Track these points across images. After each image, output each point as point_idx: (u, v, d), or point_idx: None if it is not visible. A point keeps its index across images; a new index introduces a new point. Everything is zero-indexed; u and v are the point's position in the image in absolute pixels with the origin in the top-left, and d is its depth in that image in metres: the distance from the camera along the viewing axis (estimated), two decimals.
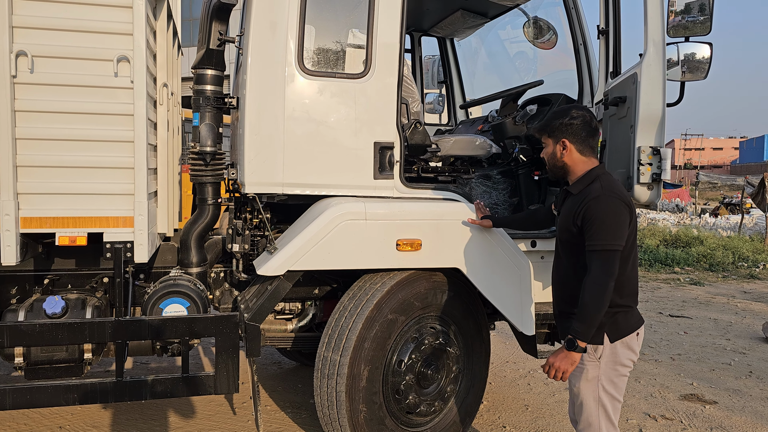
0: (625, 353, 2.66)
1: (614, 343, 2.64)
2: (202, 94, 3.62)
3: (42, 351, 3.29)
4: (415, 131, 3.75)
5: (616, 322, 2.64)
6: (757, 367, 5.87)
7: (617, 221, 2.54)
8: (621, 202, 2.57)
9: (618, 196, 2.59)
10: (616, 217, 2.54)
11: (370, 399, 3.40)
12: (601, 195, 2.59)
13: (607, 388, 2.67)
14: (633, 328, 2.67)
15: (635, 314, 2.72)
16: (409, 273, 3.50)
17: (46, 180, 3.06)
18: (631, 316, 2.69)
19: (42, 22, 3.01)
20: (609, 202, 2.57)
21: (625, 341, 2.66)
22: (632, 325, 2.67)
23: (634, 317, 2.70)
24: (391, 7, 3.43)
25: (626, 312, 2.67)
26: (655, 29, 3.17)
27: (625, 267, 2.62)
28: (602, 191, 2.60)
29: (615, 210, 2.55)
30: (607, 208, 2.56)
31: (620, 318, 2.65)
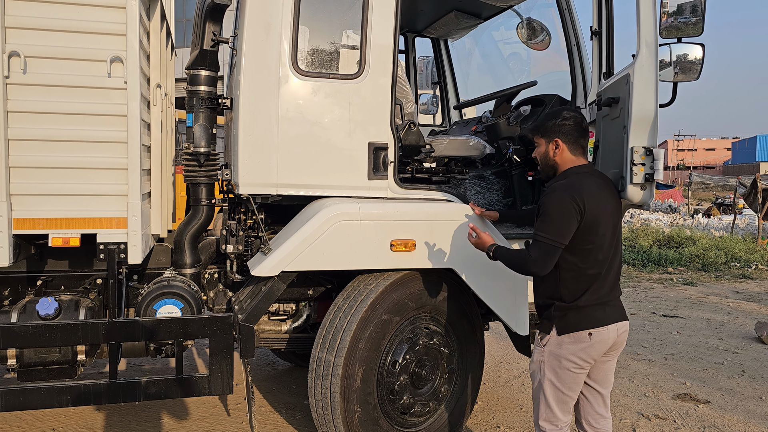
0: (570, 349, 2.72)
1: (561, 337, 2.74)
2: (195, 94, 3.61)
3: (35, 352, 3.28)
4: (409, 132, 3.75)
5: (566, 318, 2.73)
6: (750, 366, 5.90)
7: (561, 217, 2.63)
8: (572, 201, 2.64)
9: (570, 194, 2.66)
10: (561, 212, 2.64)
11: (364, 399, 3.40)
12: (557, 189, 2.72)
13: (549, 375, 2.78)
14: (584, 327, 2.71)
15: (593, 316, 2.72)
16: (403, 273, 3.50)
17: (39, 181, 3.05)
18: (585, 316, 2.72)
19: (35, 22, 3.01)
20: (560, 197, 2.67)
21: (573, 337, 2.72)
22: (584, 324, 2.71)
23: (590, 319, 2.72)
24: (384, 7, 3.43)
25: (579, 311, 2.72)
26: (648, 30, 3.18)
27: (581, 266, 2.69)
28: (559, 186, 2.73)
29: (562, 205, 2.64)
30: (555, 203, 2.67)
31: (571, 316, 2.73)
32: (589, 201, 2.67)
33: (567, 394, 2.79)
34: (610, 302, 2.77)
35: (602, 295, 2.74)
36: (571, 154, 2.82)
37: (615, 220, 2.79)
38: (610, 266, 2.75)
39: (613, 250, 2.76)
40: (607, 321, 2.73)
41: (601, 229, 2.69)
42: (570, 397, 2.80)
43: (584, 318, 2.72)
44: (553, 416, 2.82)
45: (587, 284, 2.72)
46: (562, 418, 2.82)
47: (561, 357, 2.74)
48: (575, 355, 2.72)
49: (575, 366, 2.73)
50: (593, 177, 2.81)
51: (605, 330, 2.71)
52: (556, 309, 2.76)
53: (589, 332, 2.70)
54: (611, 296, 2.77)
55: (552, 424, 2.83)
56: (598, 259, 2.71)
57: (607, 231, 2.72)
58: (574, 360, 2.73)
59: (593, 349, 2.72)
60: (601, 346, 2.72)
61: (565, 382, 2.76)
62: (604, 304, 2.74)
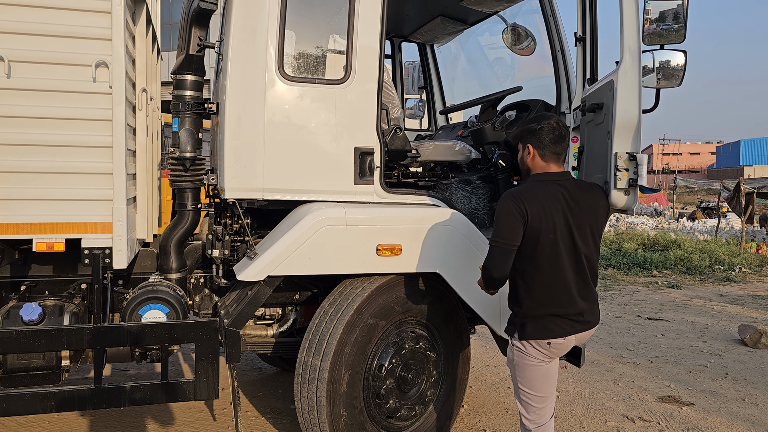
0: (534, 352, 2.81)
1: (521, 341, 2.84)
2: (181, 99, 3.61)
3: (18, 358, 3.26)
4: (395, 137, 3.76)
5: (525, 326, 2.82)
6: (733, 368, 5.96)
7: (505, 220, 2.73)
8: (514, 206, 2.71)
9: (514, 200, 2.73)
10: (504, 216, 2.74)
11: (350, 403, 3.40)
12: (504, 196, 2.80)
13: (517, 374, 2.88)
14: (542, 337, 2.78)
15: (551, 328, 2.77)
16: (389, 278, 3.51)
17: (23, 185, 3.03)
18: (544, 327, 2.78)
19: (19, 26, 2.99)
20: (503, 202, 2.77)
21: (533, 343, 2.80)
22: (543, 335, 2.78)
23: (548, 331, 2.77)
24: (370, 13, 3.45)
25: (537, 321, 2.79)
26: (631, 37, 3.22)
27: (532, 274, 2.77)
28: (507, 193, 2.82)
29: (503, 209, 2.74)
30: (499, 207, 2.78)
31: (529, 325, 2.80)
32: (535, 207, 2.71)
33: (533, 393, 2.85)
34: (572, 315, 2.79)
35: (561, 306, 2.77)
36: (542, 160, 2.84)
37: (578, 231, 2.77)
38: (568, 276, 2.76)
39: (571, 260, 2.77)
40: (565, 333, 2.78)
41: (548, 237, 2.71)
42: (537, 395, 2.85)
43: (543, 329, 2.78)
44: (526, 413, 2.89)
45: (543, 294, 2.77)
46: (528, 415, 2.89)
47: (526, 356, 2.83)
48: (539, 356, 2.81)
49: (539, 361, 2.82)
50: (554, 185, 2.80)
51: (564, 340, 2.79)
52: (516, 316, 2.86)
53: (548, 341, 2.77)
54: (574, 308, 2.79)
55: (528, 420, 2.90)
56: (549, 268, 2.74)
57: (562, 241, 2.74)
58: (539, 357, 2.81)
59: (552, 353, 2.81)
60: (561, 350, 2.83)
61: (529, 379, 2.84)
62: (563, 317, 2.77)
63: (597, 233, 2.86)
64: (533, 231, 2.71)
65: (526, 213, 2.69)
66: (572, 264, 2.77)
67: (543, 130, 2.81)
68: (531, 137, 2.86)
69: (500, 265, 2.76)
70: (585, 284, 2.83)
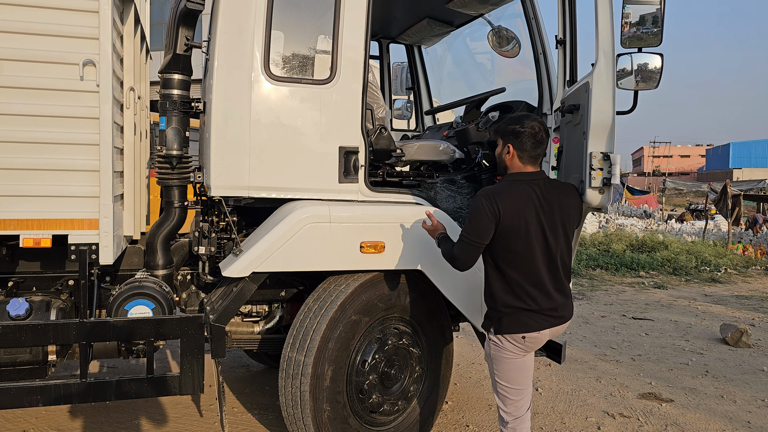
0: (510, 346, 2.92)
1: (497, 336, 2.95)
2: (168, 98, 3.65)
3: (5, 353, 3.30)
4: (380, 136, 3.83)
5: (501, 321, 2.93)
6: (713, 366, 6.06)
7: (476, 218, 2.84)
8: (488, 205, 2.81)
9: (488, 199, 2.83)
10: (476, 214, 2.84)
11: (333, 398, 3.46)
12: (479, 194, 2.90)
13: (494, 367, 2.99)
14: (517, 331, 2.88)
15: (525, 323, 2.87)
16: (372, 275, 3.58)
17: (10, 182, 3.08)
18: (518, 322, 2.88)
19: (7, 25, 3.03)
20: (478, 200, 2.87)
21: (508, 338, 2.91)
22: (517, 329, 2.88)
23: (522, 325, 2.88)
24: (356, 15, 3.51)
25: (511, 316, 2.90)
26: (606, 40, 3.30)
27: (506, 272, 2.87)
28: (483, 191, 2.92)
29: (476, 207, 2.85)
30: (473, 205, 2.89)
31: (504, 320, 2.90)
32: (508, 206, 2.81)
33: (509, 386, 2.95)
34: (546, 310, 2.89)
35: (536, 301, 2.86)
36: (519, 161, 2.94)
37: (551, 229, 2.87)
38: (542, 273, 2.86)
39: (550, 257, 2.88)
40: (540, 328, 2.89)
41: (522, 235, 2.82)
42: (514, 388, 2.94)
43: (518, 323, 2.88)
44: (504, 405, 2.99)
45: (518, 290, 2.86)
46: (505, 408, 2.98)
47: (502, 350, 2.94)
48: (515, 349, 2.91)
49: (514, 356, 2.92)
50: (527, 185, 2.90)
51: (538, 334, 2.89)
52: (492, 311, 2.96)
53: (523, 336, 2.87)
54: (548, 303, 2.89)
55: (505, 413, 2.99)
56: (523, 265, 2.85)
57: (535, 239, 2.84)
58: (514, 351, 2.92)
59: (527, 347, 2.91)
60: (536, 344, 2.93)
61: (504, 371, 2.94)
62: (538, 312, 2.87)
63: (569, 231, 2.95)
64: (507, 229, 2.80)
65: (499, 212, 2.79)
66: (545, 261, 2.87)
67: (525, 134, 2.89)
68: (513, 138, 2.94)
69: (466, 259, 2.92)
70: (558, 280, 2.92)
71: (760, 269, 13.73)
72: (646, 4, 3.49)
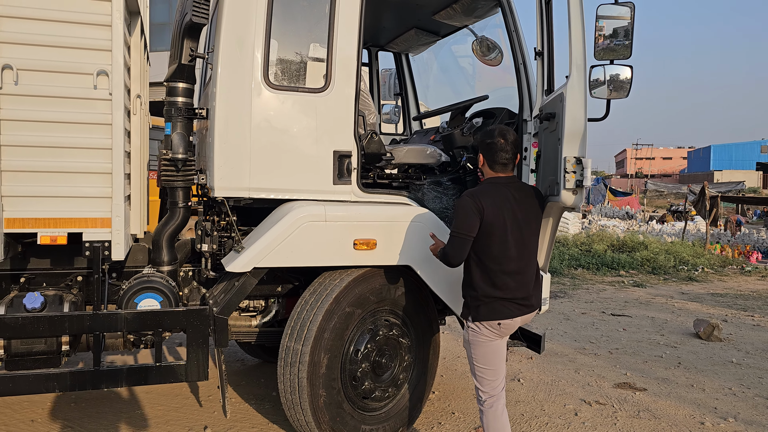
0: (486, 332, 3.28)
1: (475, 323, 3.30)
2: (173, 105, 3.89)
3: (22, 343, 3.51)
4: (371, 141, 4.09)
5: (478, 309, 3.28)
6: (686, 359, 6.40)
7: (463, 213, 3.20)
8: (472, 201, 3.19)
9: (472, 197, 3.21)
10: (462, 210, 3.21)
11: (329, 385, 3.72)
12: (463, 195, 3.29)
13: (472, 352, 3.35)
14: (493, 318, 3.25)
15: (501, 311, 3.24)
16: (365, 270, 3.84)
17: (29, 184, 3.30)
18: (494, 310, 3.25)
19: (27, 38, 3.26)
20: (462, 199, 3.25)
21: (485, 324, 3.26)
22: (493, 316, 3.24)
23: (498, 313, 3.24)
24: (348, 29, 3.77)
25: (488, 304, 3.25)
26: (578, 54, 3.60)
27: (486, 263, 3.23)
28: (466, 192, 3.30)
29: (463, 205, 3.22)
30: (459, 203, 3.26)
31: (482, 308, 3.27)
32: (489, 205, 3.19)
33: (486, 368, 3.31)
34: (519, 299, 3.27)
35: (510, 291, 3.24)
36: (490, 169, 3.36)
37: (524, 226, 3.26)
38: (517, 265, 3.24)
39: (523, 251, 3.26)
40: (513, 315, 3.28)
41: (501, 231, 3.19)
42: (489, 369, 3.31)
43: (493, 311, 3.24)
44: (481, 385, 3.35)
45: (495, 281, 3.23)
46: (483, 387, 3.35)
47: (479, 335, 3.30)
48: (490, 334, 3.29)
49: (489, 340, 3.29)
50: (504, 187, 3.29)
51: (511, 321, 3.27)
52: (471, 300, 3.29)
53: (498, 322, 3.26)
54: (521, 292, 3.27)
55: (483, 392, 3.35)
56: (501, 258, 3.21)
57: (511, 234, 3.21)
58: (489, 335, 3.29)
59: (501, 332, 3.31)
60: (509, 330, 3.34)
61: (482, 354, 3.31)
62: (511, 301, 3.26)
63: (537, 227, 3.38)
64: (488, 225, 3.17)
65: (483, 209, 3.16)
66: (520, 254, 3.24)
67: (492, 145, 3.30)
68: (484, 149, 3.36)
69: (458, 253, 3.23)
70: (530, 272, 3.31)
71: (736, 268, 14.17)
72: (618, 19, 3.81)
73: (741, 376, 5.83)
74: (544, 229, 3.86)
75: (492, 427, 3.33)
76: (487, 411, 3.34)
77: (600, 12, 3.74)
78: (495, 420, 3.32)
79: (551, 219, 3.90)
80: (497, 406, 3.33)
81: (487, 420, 3.34)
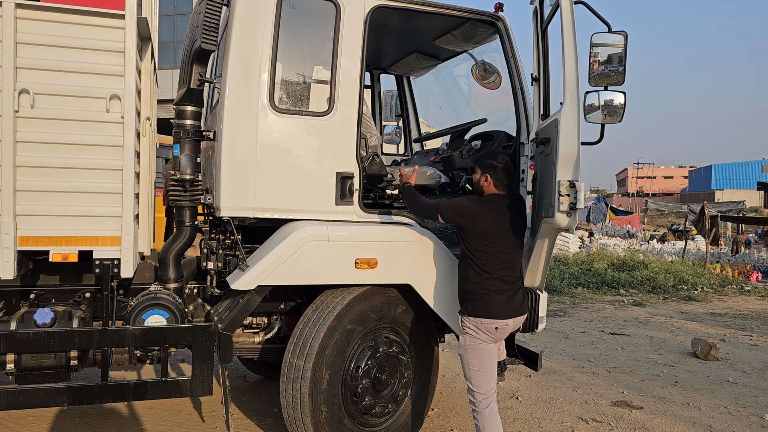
0: (484, 336, 3.57)
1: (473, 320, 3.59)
2: (182, 127, 4.03)
3: (32, 358, 3.61)
4: (373, 163, 4.22)
5: (475, 308, 3.60)
6: (683, 378, 6.47)
7: (458, 203, 3.67)
8: (474, 205, 3.62)
9: (475, 201, 3.65)
10: (460, 201, 3.67)
11: (330, 400, 3.81)
12: (471, 197, 3.75)
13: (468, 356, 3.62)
14: (490, 316, 3.55)
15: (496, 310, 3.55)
16: (366, 288, 3.95)
17: (43, 203, 3.43)
18: (490, 309, 3.56)
19: (43, 63, 3.40)
20: (468, 198, 3.71)
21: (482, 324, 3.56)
22: (489, 314, 3.55)
23: (494, 311, 3.56)
24: (351, 57, 3.92)
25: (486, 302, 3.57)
26: (572, 83, 3.73)
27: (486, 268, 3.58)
28: (474, 197, 3.74)
29: (465, 201, 3.66)
30: (463, 198, 3.73)
31: (479, 305, 3.59)
32: (487, 213, 3.60)
33: (482, 371, 3.57)
34: (511, 302, 3.61)
35: (503, 294, 3.58)
36: (494, 188, 3.74)
37: (516, 237, 3.66)
38: (510, 270, 3.63)
39: (512, 257, 3.65)
40: (508, 316, 3.61)
41: (496, 237, 3.58)
42: (485, 372, 3.56)
43: (489, 311, 3.53)
44: (476, 387, 3.62)
45: (492, 284, 3.57)
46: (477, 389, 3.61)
47: (475, 345, 3.59)
48: (484, 341, 3.59)
49: (484, 344, 3.58)
50: (500, 201, 3.69)
51: (506, 324, 3.57)
52: (470, 298, 3.62)
53: (495, 326, 3.53)
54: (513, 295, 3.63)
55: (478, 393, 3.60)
56: (497, 263, 3.58)
57: (506, 243, 3.61)
58: (484, 339, 3.58)
59: (497, 336, 3.58)
60: (503, 334, 3.61)
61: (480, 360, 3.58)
62: (505, 303, 3.59)
63: (522, 240, 3.80)
64: (484, 232, 3.58)
65: (479, 214, 3.60)
66: (512, 260, 3.63)
67: (500, 168, 3.71)
68: (491, 171, 3.73)
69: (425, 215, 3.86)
70: (520, 278, 3.71)
71: (736, 288, 14.23)
72: (612, 47, 3.95)
73: (737, 396, 5.90)
74: (539, 250, 3.97)
75: (489, 425, 3.57)
76: (483, 411, 3.59)
77: (594, 40, 3.88)
78: (491, 418, 3.58)
79: (547, 240, 4.00)
80: (492, 406, 3.61)
81: (484, 420, 3.59)
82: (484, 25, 4.60)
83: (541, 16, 4.23)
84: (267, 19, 3.75)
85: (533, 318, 4.15)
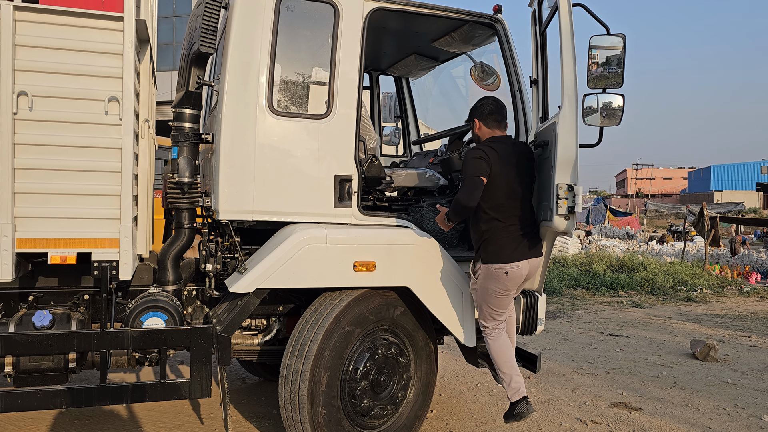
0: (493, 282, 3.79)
1: (486, 267, 3.80)
2: (180, 130, 4.03)
3: (30, 360, 3.61)
4: (371, 165, 4.22)
5: (488, 252, 3.79)
6: (682, 379, 6.47)
7: (475, 161, 3.71)
8: (480, 151, 3.71)
9: (480, 149, 3.74)
10: (473, 159, 3.71)
11: (329, 402, 3.81)
12: (472, 148, 3.84)
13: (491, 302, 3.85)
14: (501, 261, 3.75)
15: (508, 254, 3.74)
16: (364, 291, 3.95)
17: (41, 205, 3.43)
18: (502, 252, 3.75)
19: (41, 66, 3.41)
20: (472, 151, 3.77)
21: (494, 271, 3.76)
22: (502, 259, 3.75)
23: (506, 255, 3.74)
24: (350, 60, 3.92)
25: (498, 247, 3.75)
26: (570, 86, 3.74)
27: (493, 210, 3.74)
28: (475, 146, 3.83)
29: (473, 155, 3.73)
30: (468, 154, 3.78)
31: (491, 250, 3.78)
32: (494, 157, 3.69)
33: (496, 311, 3.90)
34: (522, 242, 3.77)
35: (517, 235, 3.75)
36: (487, 128, 3.89)
37: (523, 177, 3.80)
38: (520, 212, 3.77)
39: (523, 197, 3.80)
40: (522, 258, 3.76)
41: (504, 180, 3.70)
42: (498, 312, 3.91)
43: (502, 253, 3.74)
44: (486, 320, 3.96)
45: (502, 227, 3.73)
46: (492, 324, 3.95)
47: (488, 287, 3.82)
48: (497, 287, 3.79)
49: (500, 293, 3.83)
50: (504, 143, 3.82)
51: (518, 267, 3.77)
52: (483, 244, 3.79)
53: (505, 271, 3.74)
54: (525, 236, 3.78)
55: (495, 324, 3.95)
56: (506, 205, 3.73)
57: (514, 184, 3.74)
58: (498, 289, 3.80)
59: (510, 282, 3.79)
60: (517, 279, 3.80)
61: (492, 304, 3.88)
62: (518, 243, 3.76)
63: (533, 178, 3.94)
64: (494, 174, 3.69)
65: (489, 158, 3.69)
66: (522, 200, 3.75)
67: (482, 105, 3.89)
68: (475, 113, 3.92)
69: (472, 194, 3.68)
70: (531, 218, 3.82)
71: (735, 289, 14.23)
72: (610, 49, 3.95)
73: (736, 397, 5.90)
74: None
75: (501, 346, 3.90)
76: (498, 336, 3.91)
77: (593, 42, 3.89)
78: (503, 341, 3.91)
79: (545, 243, 4.01)
80: (503, 331, 3.94)
81: (496, 344, 3.91)
82: (482, 27, 4.61)
83: (539, 18, 4.24)
84: (265, 22, 3.75)
85: (532, 320, 4.15)
